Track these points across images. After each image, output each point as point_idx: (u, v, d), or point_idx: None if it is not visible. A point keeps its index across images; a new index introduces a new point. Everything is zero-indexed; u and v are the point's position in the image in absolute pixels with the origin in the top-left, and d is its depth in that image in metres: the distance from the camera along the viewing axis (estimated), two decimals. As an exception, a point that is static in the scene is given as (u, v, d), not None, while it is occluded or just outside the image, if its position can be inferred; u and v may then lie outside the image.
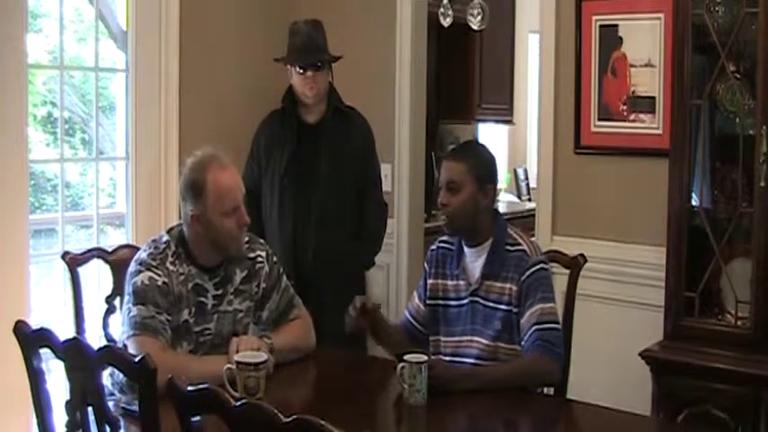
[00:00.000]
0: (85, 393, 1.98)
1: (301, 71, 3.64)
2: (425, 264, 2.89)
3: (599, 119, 3.66)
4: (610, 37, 3.61)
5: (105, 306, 2.90)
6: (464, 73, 6.26)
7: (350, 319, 2.70)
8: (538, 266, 2.65)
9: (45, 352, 2.05)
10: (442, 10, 4.48)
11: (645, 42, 3.52)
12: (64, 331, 2.25)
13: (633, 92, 3.57)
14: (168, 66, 4.05)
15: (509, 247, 2.69)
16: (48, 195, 4.29)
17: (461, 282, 2.75)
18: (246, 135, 3.87)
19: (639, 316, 3.46)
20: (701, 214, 3.09)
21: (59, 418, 2.11)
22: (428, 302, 2.83)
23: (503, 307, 2.66)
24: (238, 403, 1.55)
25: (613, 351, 3.51)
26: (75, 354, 1.97)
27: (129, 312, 2.52)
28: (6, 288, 3.49)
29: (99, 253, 3.00)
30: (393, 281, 4.27)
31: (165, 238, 2.63)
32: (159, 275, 2.54)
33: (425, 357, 2.42)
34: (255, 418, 1.50)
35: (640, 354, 3.09)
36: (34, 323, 2.11)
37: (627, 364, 3.23)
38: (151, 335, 2.47)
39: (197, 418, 1.68)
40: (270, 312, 2.76)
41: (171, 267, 2.57)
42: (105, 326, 2.91)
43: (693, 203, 3.13)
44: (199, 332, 2.60)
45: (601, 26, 3.63)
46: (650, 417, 2.95)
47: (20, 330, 2.07)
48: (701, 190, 3.13)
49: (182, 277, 2.58)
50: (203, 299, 2.61)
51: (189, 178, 2.59)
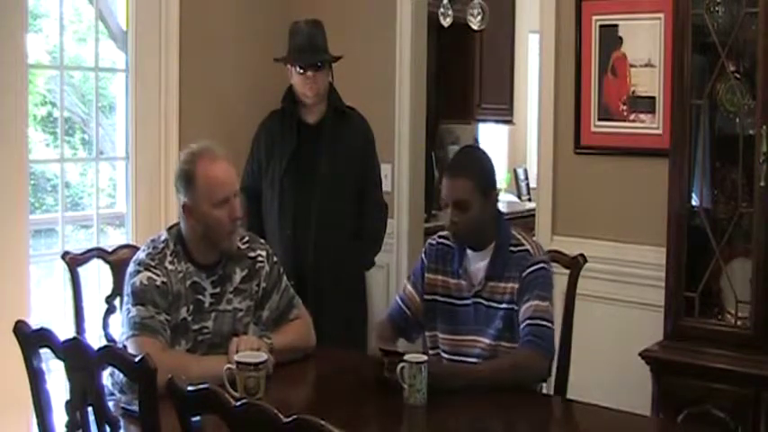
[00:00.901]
0: (85, 393, 1.98)
1: (301, 71, 3.64)
2: (423, 256, 2.86)
3: (599, 119, 3.66)
4: (610, 37, 3.61)
5: (105, 306, 2.90)
6: (464, 73, 6.26)
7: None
8: (539, 265, 2.65)
9: (45, 352, 2.05)
10: (442, 10, 4.49)
11: (645, 42, 3.52)
12: (64, 331, 2.25)
13: (633, 92, 3.57)
14: (168, 66, 4.05)
15: (512, 248, 2.69)
16: (48, 195, 4.29)
17: (463, 282, 2.74)
18: (246, 135, 3.87)
19: (639, 316, 3.46)
20: (701, 214, 3.09)
21: (59, 418, 2.11)
22: (425, 297, 2.81)
23: (505, 306, 2.66)
24: (238, 403, 1.55)
25: (613, 351, 3.51)
26: (75, 354, 1.97)
27: (129, 313, 2.52)
28: (6, 288, 3.49)
29: (99, 253, 3.00)
30: (393, 281, 4.26)
31: (164, 237, 2.64)
32: (158, 275, 2.54)
33: (425, 357, 2.41)
34: (255, 418, 1.50)
35: (640, 354, 3.09)
36: (34, 323, 2.11)
37: (627, 364, 3.23)
38: (150, 335, 2.47)
39: (197, 418, 1.68)
40: (270, 312, 2.76)
41: (170, 266, 2.58)
42: (105, 326, 2.91)
43: (693, 203, 3.13)
44: (197, 330, 2.60)
45: (601, 26, 3.63)
46: (650, 417, 2.95)
47: (20, 330, 2.07)
48: (701, 190, 3.13)
49: (180, 275, 2.58)
50: (201, 296, 2.61)
51: (180, 169, 2.61)
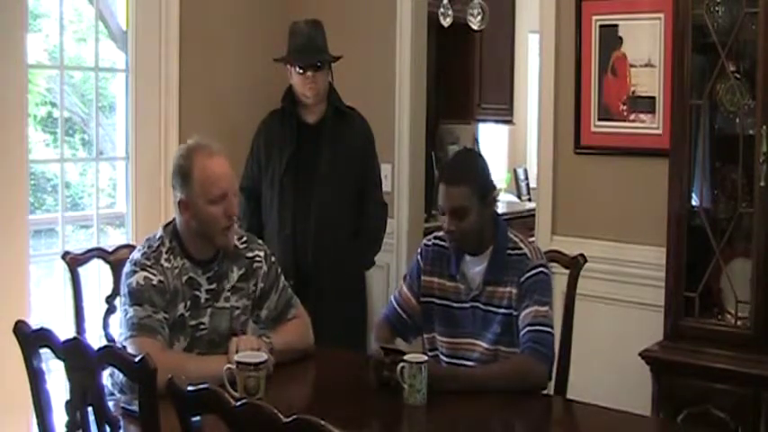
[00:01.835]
0: (85, 393, 1.98)
1: (301, 71, 3.64)
2: (419, 257, 2.84)
3: (599, 119, 3.66)
4: (610, 37, 3.61)
5: (105, 306, 2.90)
6: (464, 73, 6.26)
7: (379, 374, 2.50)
8: (538, 270, 2.64)
9: (45, 352, 2.05)
10: (442, 10, 4.50)
11: (645, 42, 3.52)
12: (64, 331, 2.25)
13: (633, 92, 3.57)
14: (168, 66, 4.06)
15: (510, 251, 2.68)
16: (48, 195, 4.29)
17: (461, 285, 2.73)
18: (246, 135, 3.87)
19: (639, 316, 3.46)
20: (701, 214, 3.09)
21: (59, 418, 2.10)
22: (422, 299, 2.80)
23: (503, 310, 2.65)
24: (238, 403, 1.55)
25: (613, 351, 3.51)
26: (75, 354, 1.96)
27: (126, 314, 2.52)
28: (6, 288, 3.49)
29: (99, 253, 3.00)
30: (393, 281, 4.26)
31: (159, 234, 2.64)
32: (154, 275, 2.54)
33: (425, 357, 2.41)
34: (255, 418, 1.50)
35: (640, 354, 3.09)
36: (34, 323, 2.11)
37: (627, 364, 3.23)
38: (149, 335, 2.47)
39: (197, 418, 1.68)
40: (268, 312, 2.76)
41: (165, 264, 2.58)
42: (105, 326, 2.91)
43: (693, 203, 3.13)
44: (194, 326, 2.60)
45: (601, 26, 3.63)
46: (650, 417, 2.95)
47: (20, 330, 2.07)
48: (701, 190, 3.13)
49: (176, 271, 2.59)
50: (197, 292, 2.61)
51: (177, 164, 2.61)
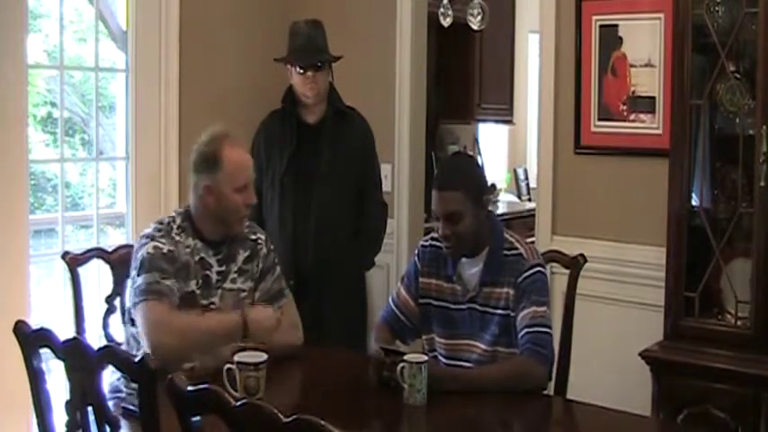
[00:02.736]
0: (85, 393, 1.98)
1: (301, 71, 3.64)
2: (416, 259, 2.83)
3: (599, 119, 3.66)
4: (610, 37, 3.61)
5: (105, 306, 2.91)
6: (464, 73, 6.26)
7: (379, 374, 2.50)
8: (535, 270, 2.63)
9: (45, 352, 2.05)
10: (442, 10, 4.49)
11: (645, 42, 3.52)
12: (64, 331, 2.25)
13: (633, 92, 3.57)
14: (168, 66, 4.05)
15: (506, 252, 2.67)
16: (48, 195, 4.30)
17: (458, 287, 2.72)
18: (246, 135, 3.85)
19: (639, 316, 3.45)
20: (701, 214, 3.09)
21: (59, 418, 2.10)
22: (420, 301, 2.80)
23: (500, 311, 2.64)
24: (238, 403, 1.54)
25: (613, 351, 3.51)
26: (75, 354, 1.96)
27: (135, 283, 2.56)
28: (6, 288, 3.49)
29: (99, 253, 3.00)
30: (393, 281, 4.25)
31: (171, 215, 2.72)
32: (164, 244, 2.60)
33: (425, 357, 2.41)
34: (255, 418, 1.50)
35: (640, 354, 3.08)
36: (34, 323, 2.11)
37: (627, 364, 3.23)
38: (157, 298, 2.51)
39: (197, 418, 1.68)
40: (261, 293, 2.79)
41: (177, 238, 2.64)
42: (105, 326, 2.91)
43: (693, 203, 3.13)
44: (205, 306, 2.64)
45: (601, 26, 3.63)
46: (650, 417, 2.95)
47: (20, 330, 2.07)
48: (701, 190, 3.13)
49: (188, 249, 2.64)
50: (208, 272, 2.67)
51: (204, 151, 2.67)
